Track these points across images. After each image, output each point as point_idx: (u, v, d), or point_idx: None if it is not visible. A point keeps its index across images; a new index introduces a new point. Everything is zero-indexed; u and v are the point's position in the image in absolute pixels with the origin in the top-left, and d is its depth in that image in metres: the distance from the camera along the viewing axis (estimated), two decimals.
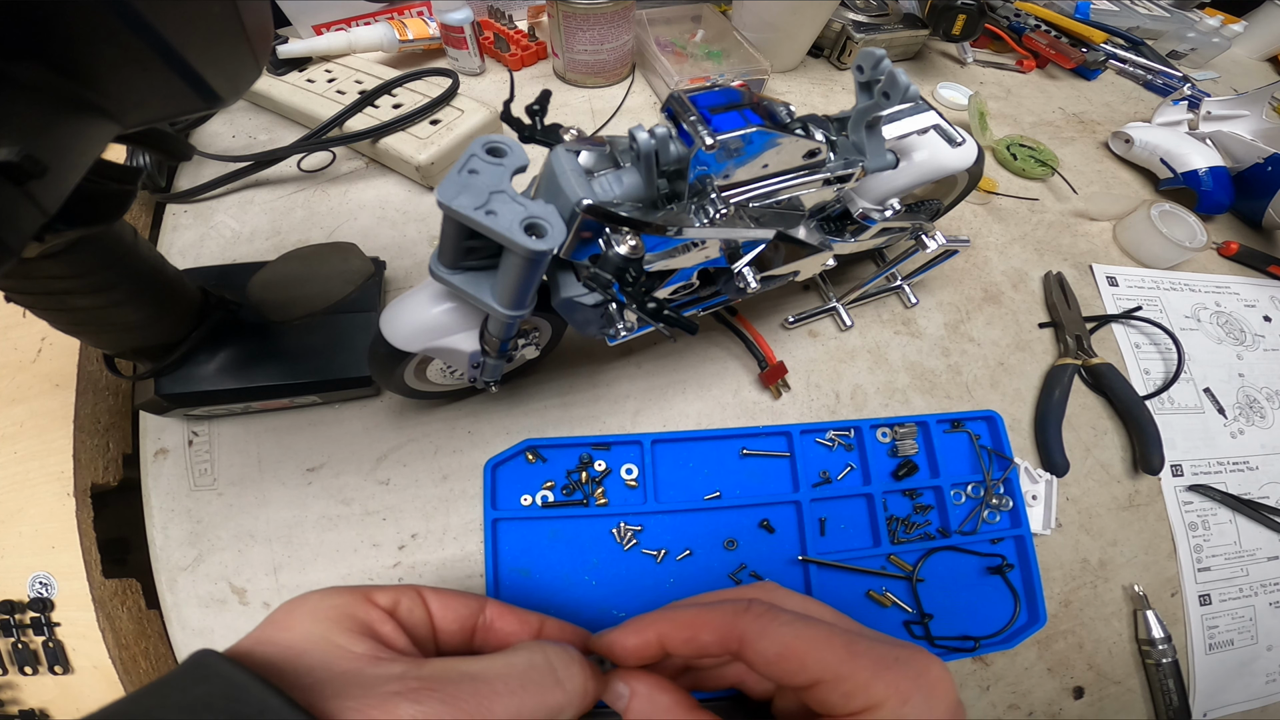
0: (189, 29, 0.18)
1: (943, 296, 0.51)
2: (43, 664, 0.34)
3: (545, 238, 0.22)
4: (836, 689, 0.18)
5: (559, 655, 0.19)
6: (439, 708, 0.16)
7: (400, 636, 0.20)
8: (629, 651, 0.21)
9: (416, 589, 0.22)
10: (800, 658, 0.18)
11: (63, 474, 0.36)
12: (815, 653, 0.18)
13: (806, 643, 0.19)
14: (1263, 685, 0.43)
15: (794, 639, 0.19)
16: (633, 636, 0.21)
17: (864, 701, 0.17)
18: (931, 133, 0.35)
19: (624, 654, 0.21)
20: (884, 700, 0.17)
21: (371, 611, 0.20)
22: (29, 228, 0.16)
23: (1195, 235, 0.56)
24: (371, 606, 0.20)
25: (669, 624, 0.21)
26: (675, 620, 0.21)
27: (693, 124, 0.27)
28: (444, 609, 0.22)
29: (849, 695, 0.18)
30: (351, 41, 0.56)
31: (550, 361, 0.42)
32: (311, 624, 0.19)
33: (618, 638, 0.21)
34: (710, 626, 0.20)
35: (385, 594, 0.21)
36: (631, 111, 0.60)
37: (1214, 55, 0.87)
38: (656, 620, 0.21)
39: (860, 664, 0.18)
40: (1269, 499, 0.47)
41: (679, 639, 0.21)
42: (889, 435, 0.43)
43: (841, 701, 0.18)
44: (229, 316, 0.36)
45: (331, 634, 0.18)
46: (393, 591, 0.21)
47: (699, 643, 0.20)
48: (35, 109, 0.16)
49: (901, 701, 0.17)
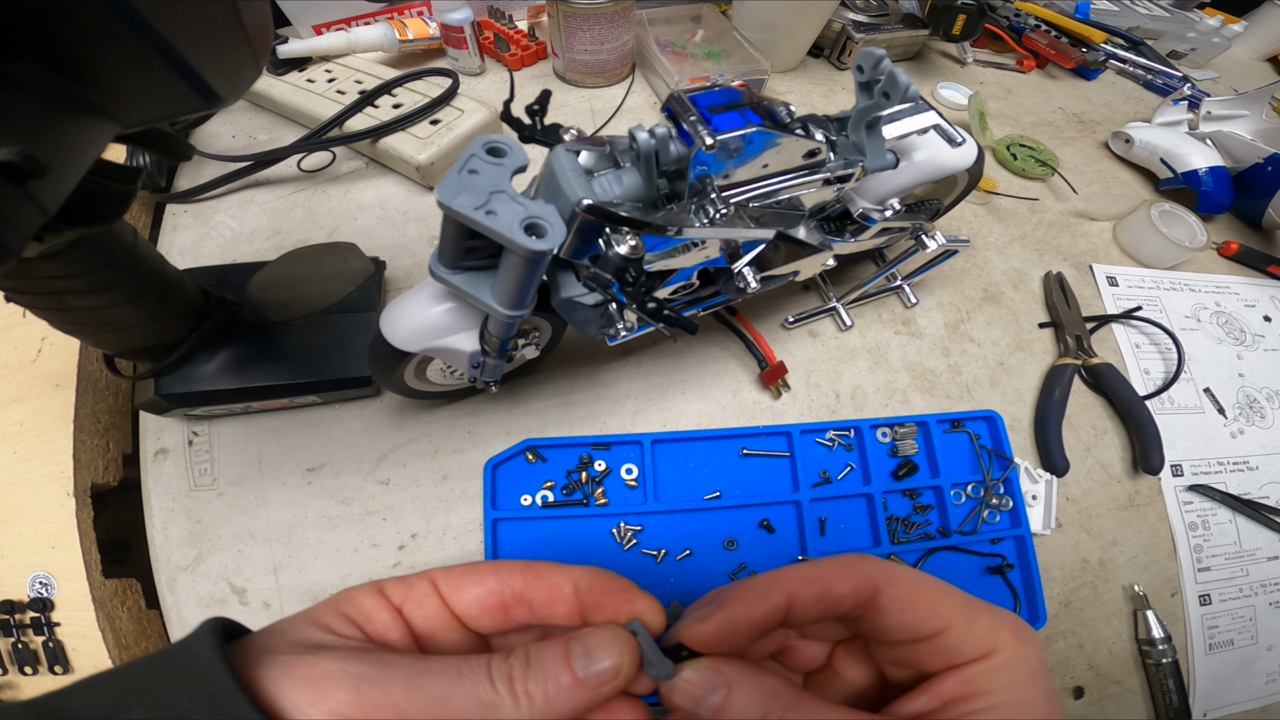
0: (189, 29, 0.18)
1: (943, 296, 0.51)
2: (43, 664, 0.34)
3: (545, 238, 0.22)
4: (965, 633, 0.18)
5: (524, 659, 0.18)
6: (362, 666, 0.16)
7: (396, 629, 0.19)
8: (752, 624, 0.19)
9: (430, 578, 0.20)
10: (932, 603, 0.19)
11: (63, 474, 0.36)
12: (944, 598, 0.19)
13: (934, 590, 0.19)
14: (1263, 685, 0.43)
15: (923, 586, 0.19)
16: (752, 607, 0.19)
17: (988, 645, 0.18)
18: (931, 133, 0.35)
19: (743, 629, 0.19)
20: (1003, 646, 0.18)
21: (371, 602, 0.19)
22: (29, 228, 0.16)
23: (1195, 235, 0.56)
24: (379, 600, 0.19)
25: (794, 582, 0.19)
26: (801, 577, 0.19)
27: (693, 124, 0.27)
28: (458, 593, 0.20)
29: (977, 639, 0.18)
30: (351, 41, 0.56)
31: (550, 361, 0.42)
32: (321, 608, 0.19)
33: (731, 612, 0.19)
34: (842, 577, 0.19)
35: (398, 587, 0.20)
36: (631, 111, 0.60)
37: (1214, 55, 0.87)
38: (771, 585, 0.19)
39: (981, 614, 0.19)
40: (1269, 499, 0.47)
41: (810, 596, 0.19)
42: (889, 435, 0.43)
43: (971, 646, 0.18)
44: (229, 316, 0.36)
45: (322, 617, 0.18)
46: (405, 584, 0.20)
47: (832, 597, 0.19)
48: (35, 109, 0.16)
49: (1018, 645, 0.18)
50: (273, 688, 0.15)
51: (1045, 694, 0.18)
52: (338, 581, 0.36)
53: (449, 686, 0.17)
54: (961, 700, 0.18)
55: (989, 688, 0.18)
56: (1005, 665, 0.18)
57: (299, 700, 0.15)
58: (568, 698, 0.17)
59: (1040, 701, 0.18)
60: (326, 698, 0.16)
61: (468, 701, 0.17)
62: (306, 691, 0.16)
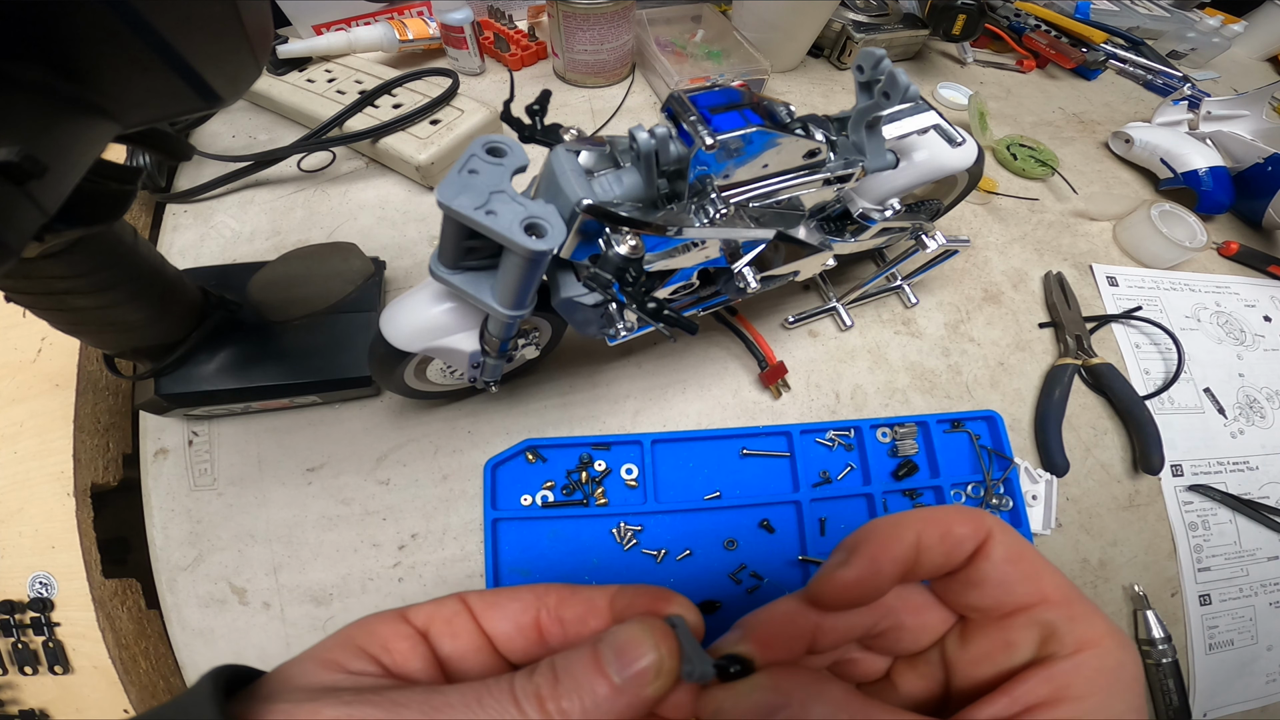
0: (189, 29, 0.18)
1: (943, 296, 0.51)
2: (43, 664, 0.34)
3: (545, 238, 0.22)
4: (1062, 615, 0.16)
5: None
6: (369, 710, 0.14)
7: (416, 658, 0.18)
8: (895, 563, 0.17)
9: (461, 598, 0.19)
10: (1036, 567, 0.17)
11: (63, 474, 0.37)
12: (1049, 571, 0.17)
13: (1040, 560, 0.18)
14: (1263, 685, 0.43)
15: (1031, 550, 0.18)
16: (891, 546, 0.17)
17: (1084, 637, 0.16)
18: (931, 133, 0.35)
19: (888, 570, 0.17)
20: (1100, 643, 0.16)
21: (393, 628, 0.18)
22: (29, 228, 0.16)
23: (1195, 235, 0.56)
24: (400, 625, 0.18)
25: (919, 520, 0.18)
26: (924, 517, 0.18)
27: (693, 124, 0.27)
28: (492, 613, 0.19)
29: (1072, 625, 0.16)
30: (351, 41, 0.56)
31: (550, 361, 0.42)
32: (328, 643, 0.18)
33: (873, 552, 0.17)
34: (961, 518, 0.18)
35: (422, 611, 0.18)
36: (631, 111, 0.60)
37: (1214, 55, 0.87)
38: (899, 524, 0.18)
39: (1082, 603, 0.17)
40: (1269, 499, 0.47)
41: (935, 535, 0.17)
42: (889, 435, 0.43)
43: (1065, 632, 0.16)
44: (229, 316, 0.36)
45: (331, 653, 0.17)
46: (431, 607, 0.18)
47: (954, 537, 0.17)
48: (35, 109, 0.16)
49: (1117, 647, 0.16)
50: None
51: (1138, 710, 0.16)
52: (338, 581, 0.36)
53: (469, 715, 0.15)
54: (1048, 705, 0.15)
55: (1079, 693, 0.15)
56: (1100, 670, 0.16)
57: None
58: (608, 709, 0.15)
59: (1131, 716, 0.15)
60: None
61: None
62: None
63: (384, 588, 0.36)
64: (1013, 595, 0.17)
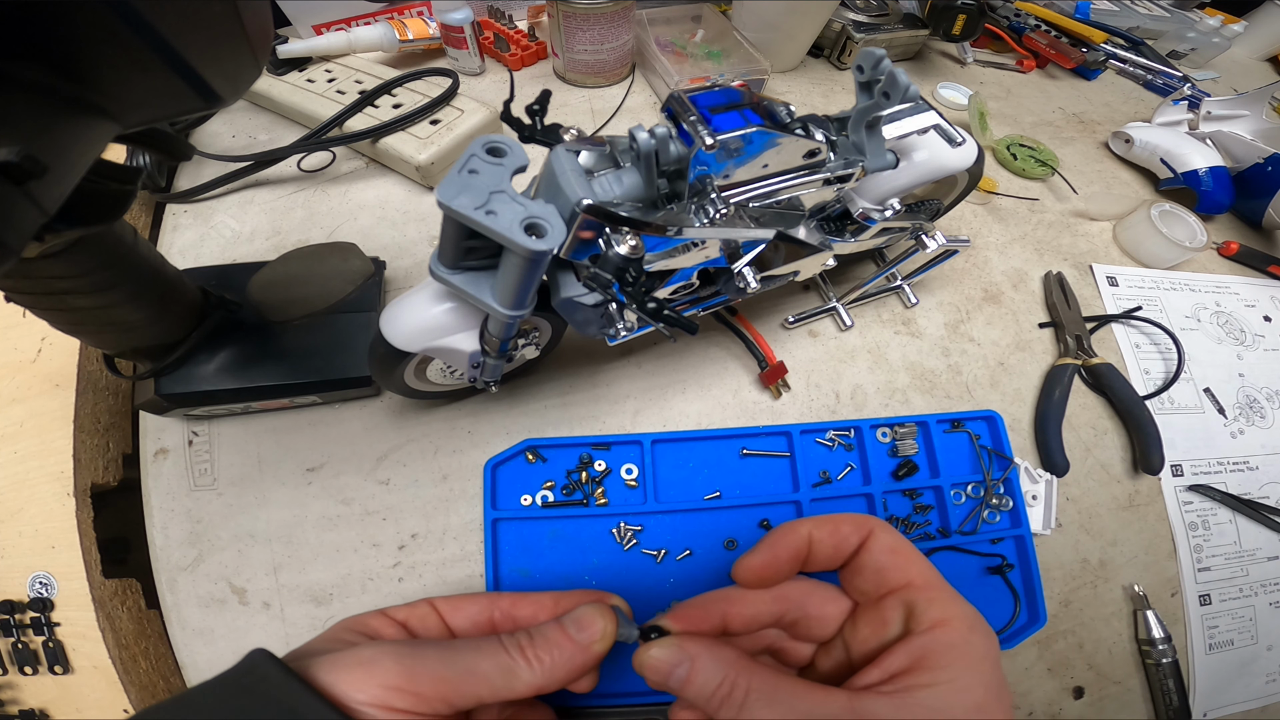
0: (189, 29, 0.18)
1: (943, 296, 0.51)
2: (43, 664, 0.34)
3: (545, 238, 0.22)
4: (924, 594, 0.21)
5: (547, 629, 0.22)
6: (400, 647, 0.20)
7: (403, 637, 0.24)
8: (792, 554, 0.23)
9: (429, 601, 0.25)
10: (908, 558, 0.22)
11: (63, 474, 0.37)
12: (919, 563, 0.22)
13: (913, 553, 0.22)
14: (1263, 685, 0.43)
15: (906, 545, 0.23)
16: (786, 545, 0.23)
17: (941, 614, 0.20)
18: (931, 133, 0.35)
19: (785, 559, 0.23)
20: (951, 622, 0.20)
21: (380, 620, 0.23)
22: (29, 228, 0.16)
23: (1195, 235, 0.56)
24: (384, 619, 0.23)
25: (812, 523, 0.23)
26: (816, 520, 0.23)
27: (693, 124, 0.27)
28: (455, 613, 0.25)
29: (933, 603, 0.21)
30: (351, 41, 0.56)
31: (550, 361, 0.42)
32: (329, 631, 0.23)
33: (772, 547, 0.23)
34: (847, 520, 0.23)
35: (400, 610, 0.24)
36: (631, 111, 0.60)
37: (1214, 55, 0.87)
38: (795, 527, 0.23)
39: (944, 590, 0.21)
40: (1269, 499, 0.47)
41: (825, 532, 0.23)
42: (889, 435, 0.43)
43: (926, 608, 0.21)
44: (229, 316, 0.36)
45: (334, 634, 0.22)
46: (406, 608, 0.24)
47: (841, 534, 0.23)
48: (35, 109, 0.16)
49: (967, 629, 0.20)
50: (326, 678, 0.18)
51: (989, 685, 0.19)
52: (337, 581, 0.36)
53: (474, 657, 0.20)
54: (907, 673, 0.19)
55: (935, 664, 0.19)
56: (951, 646, 0.20)
57: (353, 680, 0.18)
58: (568, 658, 0.21)
59: (979, 690, 0.19)
60: (376, 675, 0.18)
61: (493, 668, 0.20)
62: (356, 672, 0.18)
63: (384, 588, 0.36)
64: (887, 580, 0.22)
